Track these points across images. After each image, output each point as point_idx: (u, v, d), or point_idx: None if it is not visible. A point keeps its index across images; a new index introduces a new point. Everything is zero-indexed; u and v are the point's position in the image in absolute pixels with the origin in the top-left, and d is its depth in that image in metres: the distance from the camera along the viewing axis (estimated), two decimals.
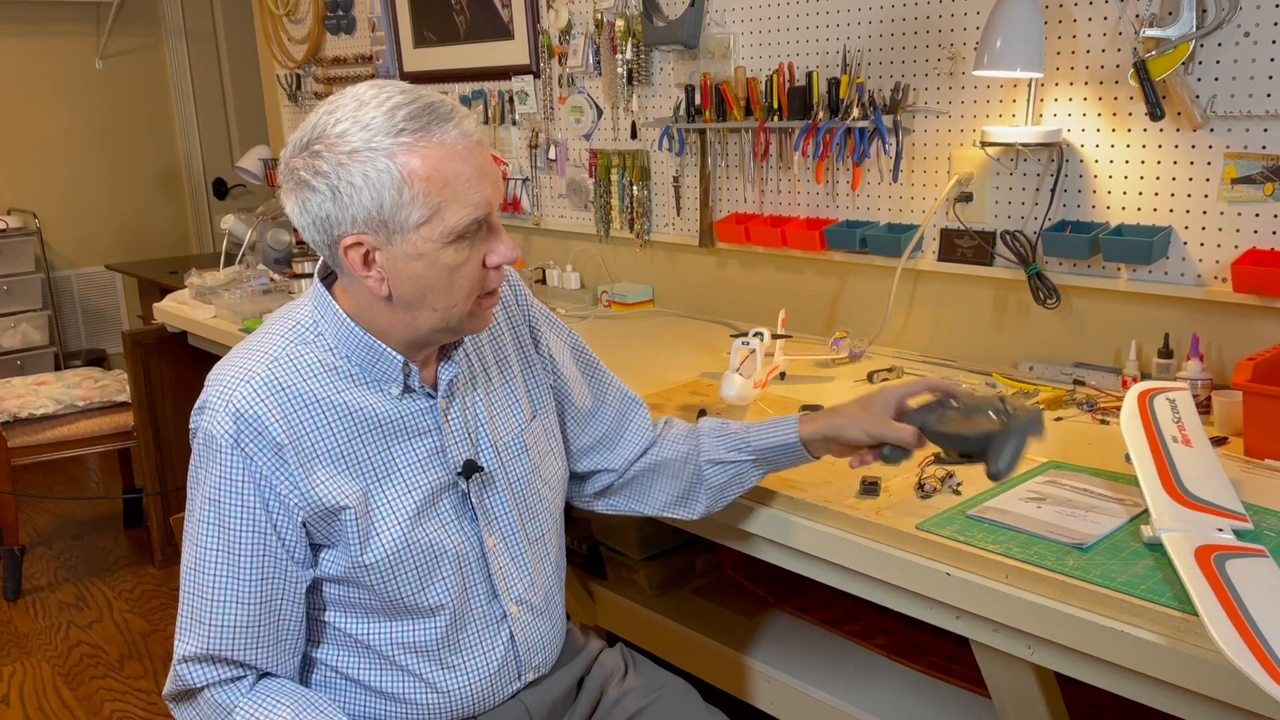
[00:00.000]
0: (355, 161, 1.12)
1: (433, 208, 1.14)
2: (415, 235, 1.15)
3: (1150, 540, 1.24)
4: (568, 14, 2.88)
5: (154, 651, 2.99)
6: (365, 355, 1.24)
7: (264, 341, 1.25)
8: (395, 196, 1.13)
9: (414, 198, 1.13)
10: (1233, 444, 1.60)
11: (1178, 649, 1.09)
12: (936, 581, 1.29)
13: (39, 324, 4.99)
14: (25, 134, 5.21)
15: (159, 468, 3.40)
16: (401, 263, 1.16)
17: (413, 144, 1.12)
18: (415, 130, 1.13)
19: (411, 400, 1.28)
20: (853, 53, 2.24)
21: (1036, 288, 1.99)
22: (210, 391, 1.21)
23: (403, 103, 1.14)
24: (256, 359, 1.22)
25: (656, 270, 2.84)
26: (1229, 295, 1.76)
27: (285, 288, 3.12)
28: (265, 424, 1.18)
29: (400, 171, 1.12)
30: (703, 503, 1.49)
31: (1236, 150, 1.74)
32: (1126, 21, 1.82)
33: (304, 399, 1.21)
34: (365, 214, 1.14)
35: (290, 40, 4.17)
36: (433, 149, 1.13)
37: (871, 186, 2.28)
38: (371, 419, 1.25)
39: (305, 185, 1.16)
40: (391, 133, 1.12)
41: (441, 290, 1.19)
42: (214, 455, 1.19)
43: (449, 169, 1.14)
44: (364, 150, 1.12)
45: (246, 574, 1.20)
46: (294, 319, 1.27)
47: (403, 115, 1.13)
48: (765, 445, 1.42)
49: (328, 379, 1.23)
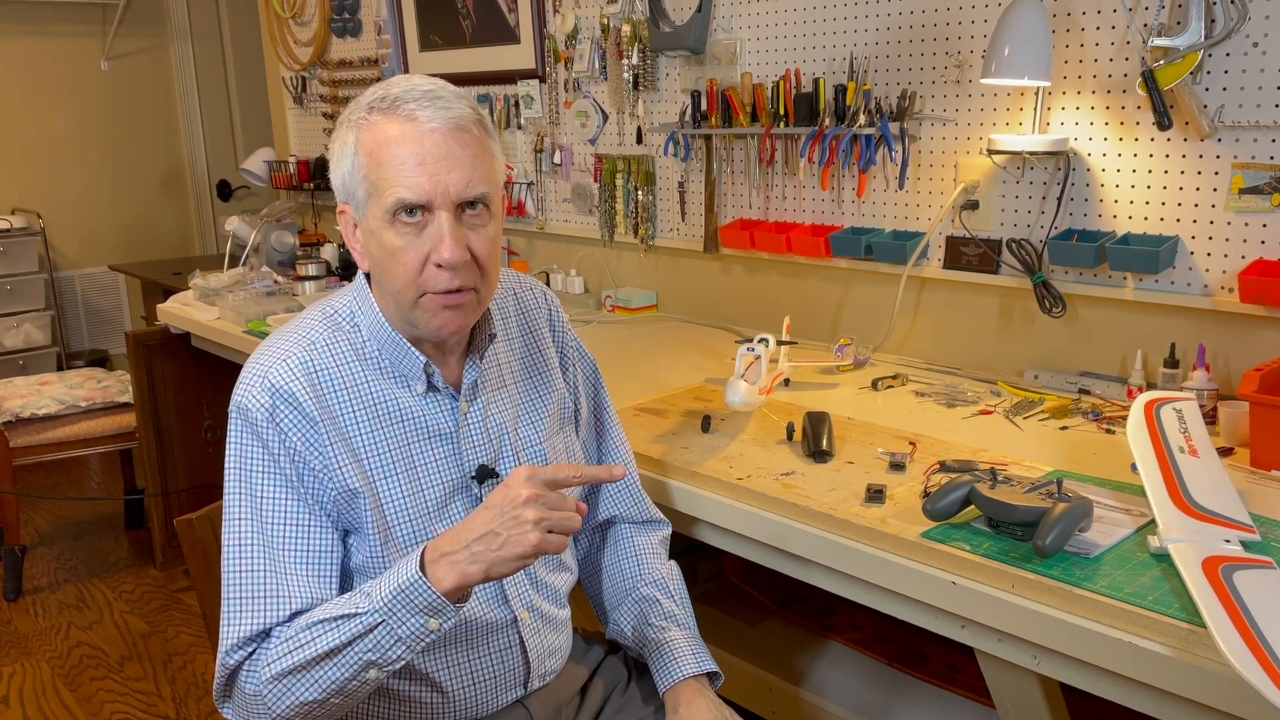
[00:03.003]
0: (339, 131, 1.24)
1: (372, 183, 1.20)
2: (367, 211, 1.22)
3: (1157, 551, 1.24)
4: (574, 19, 2.89)
5: (154, 653, 2.98)
6: (393, 350, 1.28)
7: (301, 327, 1.29)
8: (349, 166, 1.22)
9: (358, 170, 1.21)
10: (1239, 454, 1.59)
11: (1185, 660, 1.09)
12: (942, 590, 1.29)
13: (42, 324, 4.99)
14: (30, 134, 5.21)
15: (160, 469, 3.40)
16: (364, 236, 1.25)
17: (372, 121, 1.19)
18: (382, 109, 1.19)
19: (435, 399, 1.30)
20: (860, 59, 2.24)
21: (1042, 296, 1.98)
22: (247, 371, 1.24)
23: (407, 88, 1.20)
24: (293, 343, 1.26)
25: (661, 275, 2.84)
26: (1236, 305, 1.76)
27: (289, 289, 3.12)
28: (299, 399, 1.21)
29: (354, 143, 1.21)
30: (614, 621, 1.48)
31: (1244, 160, 1.74)
32: (1135, 30, 1.82)
33: (335, 383, 1.25)
34: (340, 182, 1.24)
35: (296, 42, 4.17)
36: (381, 127, 1.19)
37: (877, 193, 2.28)
38: (396, 412, 1.27)
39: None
40: (363, 109, 1.21)
41: (387, 272, 1.23)
42: (249, 429, 1.21)
43: (389, 150, 1.18)
44: (346, 122, 1.23)
45: (290, 544, 1.20)
46: (333, 307, 1.31)
47: (381, 95, 1.20)
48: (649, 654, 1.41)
49: (360, 367, 1.27)
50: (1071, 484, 1.34)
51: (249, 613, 1.18)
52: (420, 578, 1.12)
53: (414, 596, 1.12)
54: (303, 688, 1.15)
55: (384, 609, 1.12)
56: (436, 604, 1.12)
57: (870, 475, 1.54)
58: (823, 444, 1.62)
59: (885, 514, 1.41)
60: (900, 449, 1.61)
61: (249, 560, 1.20)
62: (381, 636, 1.13)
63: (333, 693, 1.15)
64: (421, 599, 1.12)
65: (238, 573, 1.20)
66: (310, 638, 1.14)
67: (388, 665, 1.15)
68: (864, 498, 1.45)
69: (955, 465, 1.51)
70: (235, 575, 1.20)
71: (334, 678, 1.14)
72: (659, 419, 1.83)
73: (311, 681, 1.15)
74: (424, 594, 1.11)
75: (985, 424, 1.79)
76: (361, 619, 1.13)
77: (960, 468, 1.49)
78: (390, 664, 1.15)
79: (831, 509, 1.43)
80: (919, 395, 1.97)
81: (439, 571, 1.12)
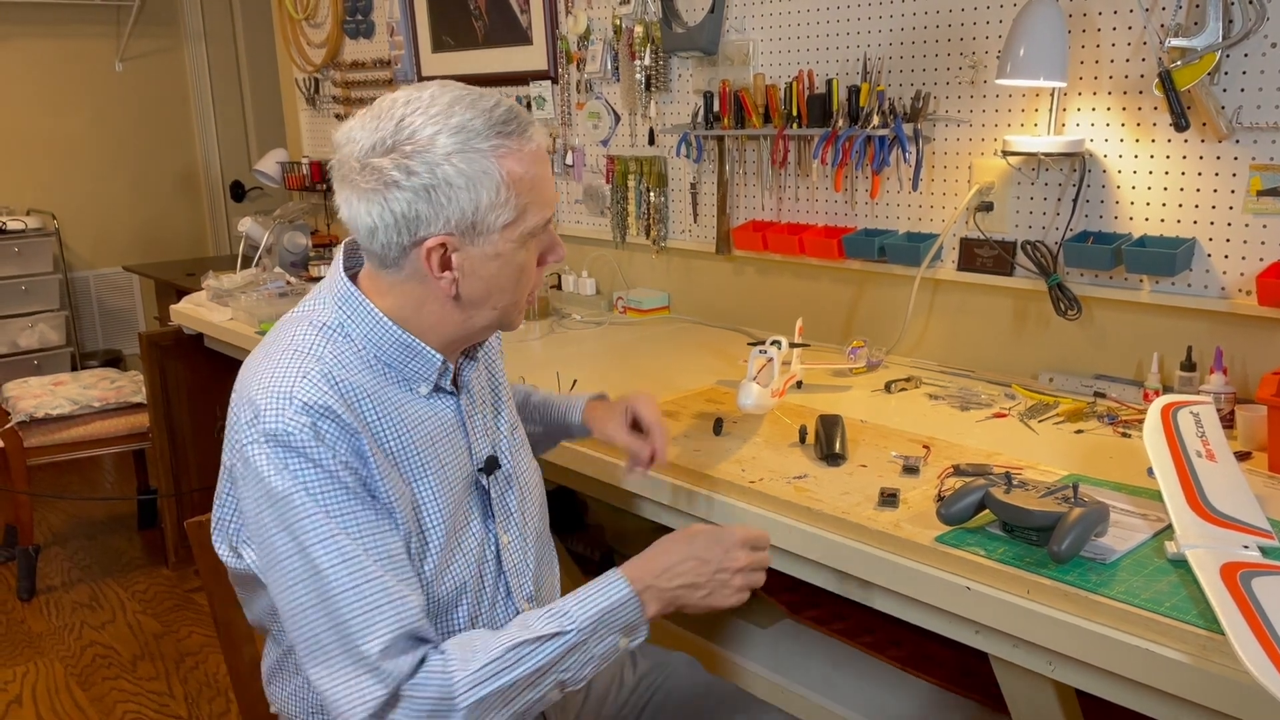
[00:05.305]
0: (454, 162, 1.14)
1: (519, 209, 1.18)
2: (498, 236, 1.18)
3: (1174, 556, 1.23)
4: (586, 20, 2.88)
5: (166, 652, 2.99)
6: (398, 354, 1.23)
7: (297, 342, 1.20)
8: (492, 198, 1.15)
9: (507, 199, 1.16)
10: (1257, 459, 1.58)
11: (1202, 667, 1.07)
12: (956, 595, 1.28)
13: (56, 324, 5.01)
14: (45, 135, 5.23)
15: (174, 469, 3.41)
16: (478, 263, 1.19)
17: (511, 147, 1.16)
18: (510, 134, 1.16)
19: (438, 399, 1.28)
20: (873, 60, 2.23)
21: (1057, 298, 1.97)
22: (260, 399, 1.14)
23: (489, 105, 1.17)
24: (300, 359, 1.17)
25: (672, 277, 2.83)
26: (1254, 308, 1.74)
27: (301, 290, 3.13)
28: (336, 411, 1.14)
29: (502, 174, 1.15)
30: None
31: (1262, 162, 1.72)
32: (1151, 31, 1.80)
33: (357, 391, 1.18)
34: (459, 215, 1.15)
35: (309, 44, 4.18)
36: (526, 153, 1.17)
37: (891, 195, 2.27)
38: (412, 414, 1.24)
39: (394, 185, 1.14)
40: (490, 135, 1.15)
41: (508, 289, 1.23)
42: (294, 455, 1.12)
43: (535, 172, 1.18)
44: (465, 151, 1.14)
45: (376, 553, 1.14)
46: (316, 322, 1.23)
47: (498, 118, 1.16)
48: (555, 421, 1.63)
49: (369, 374, 1.21)
50: (1087, 488, 1.33)
51: (386, 619, 1.11)
52: (635, 598, 1.18)
53: (621, 616, 1.18)
54: (498, 709, 1.13)
55: (589, 628, 1.16)
56: (638, 625, 1.19)
57: (883, 479, 1.53)
58: (835, 447, 1.61)
59: (899, 518, 1.40)
60: (914, 452, 1.60)
61: (360, 570, 1.11)
62: (578, 655, 1.16)
63: (520, 713, 1.16)
64: (627, 619, 1.18)
65: (352, 588, 1.11)
66: (515, 659, 1.13)
67: (573, 685, 1.18)
68: (877, 502, 1.45)
69: (969, 469, 1.50)
70: (350, 591, 1.11)
71: (528, 698, 1.15)
72: (671, 421, 1.82)
73: (505, 703, 1.14)
74: (632, 615, 1.18)
75: (999, 427, 1.78)
76: (565, 639, 1.15)
77: (974, 471, 1.48)
78: (577, 683, 1.18)
79: (844, 513, 1.42)
80: (933, 398, 1.96)
81: (645, 598, 1.19)
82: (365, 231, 1.17)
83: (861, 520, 1.40)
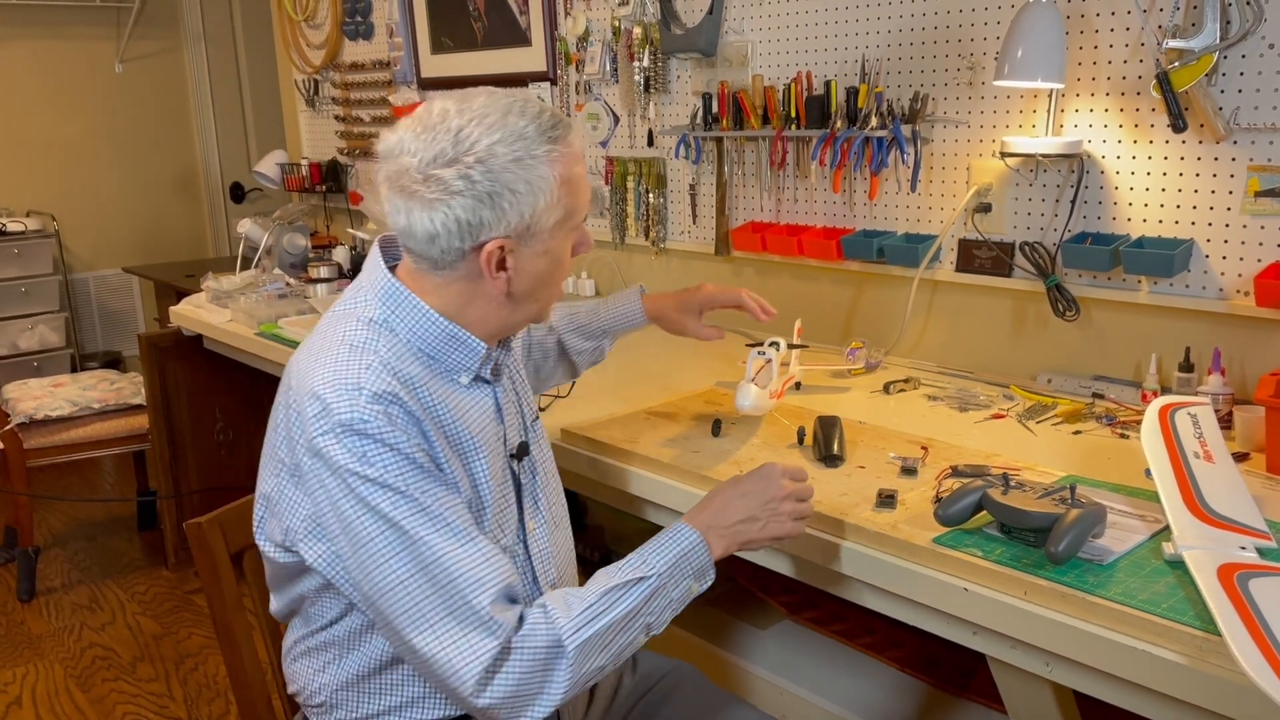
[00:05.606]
0: (517, 169, 1.19)
1: (567, 208, 1.24)
2: (548, 234, 1.24)
3: (1171, 558, 1.23)
4: (585, 21, 2.88)
5: (166, 654, 2.99)
6: (443, 346, 1.27)
7: (351, 337, 1.24)
8: (547, 200, 1.21)
9: (559, 200, 1.23)
10: (1255, 460, 1.58)
11: (1199, 668, 1.08)
12: (954, 596, 1.28)
13: (56, 326, 5.01)
14: (45, 136, 5.23)
15: (173, 470, 3.41)
16: (529, 261, 1.25)
17: (561, 151, 1.22)
18: (558, 138, 1.22)
19: (477, 388, 1.32)
20: (871, 62, 2.23)
21: (1055, 299, 1.97)
22: (326, 392, 1.18)
23: (537, 111, 1.22)
24: (358, 352, 1.21)
25: (672, 278, 2.83)
26: (1252, 309, 1.75)
27: (300, 291, 3.13)
28: (402, 398, 1.19)
29: (555, 178, 1.21)
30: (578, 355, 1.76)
31: (1260, 163, 1.72)
32: (1149, 32, 1.80)
33: (414, 380, 1.23)
34: (519, 218, 1.21)
35: (308, 45, 4.19)
36: (571, 155, 1.24)
37: (889, 196, 2.27)
38: (459, 403, 1.28)
39: (458, 194, 1.18)
40: (544, 141, 1.21)
41: (553, 282, 1.30)
42: (370, 442, 1.16)
43: (578, 172, 1.26)
44: (525, 159, 1.20)
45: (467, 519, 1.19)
46: (363, 318, 1.26)
47: (546, 123, 1.22)
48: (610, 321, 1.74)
49: (419, 365, 1.25)
50: (1085, 489, 1.33)
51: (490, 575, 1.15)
52: (701, 541, 1.26)
53: (692, 560, 1.25)
54: (598, 653, 1.19)
55: (667, 572, 1.23)
56: (706, 568, 1.27)
57: (882, 480, 1.53)
58: (834, 448, 1.61)
59: (897, 519, 1.40)
60: (912, 453, 1.61)
61: (456, 534, 1.16)
62: (660, 599, 1.23)
63: (615, 657, 1.21)
64: (697, 563, 1.26)
65: (452, 550, 1.15)
66: (609, 603, 1.20)
67: (656, 629, 1.24)
68: (875, 503, 1.45)
69: (967, 470, 1.50)
70: (451, 554, 1.15)
71: (621, 642, 1.21)
72: (669, 422, 1.83)
73: (603, 647, 1.19)
74: (701, 558, 1.26)
75: (998, 428, 1.78)
76: (649, 583, 1.22)
77: (972, 473, 1.48)
78: (659, 626, 1.25)
79: (843, 514, 1.42)
80: (931, 399, 1.96)
81: (710, 539, 1.27)
82: (424, 238, 1.21)
83: (860, 521, 1.40)
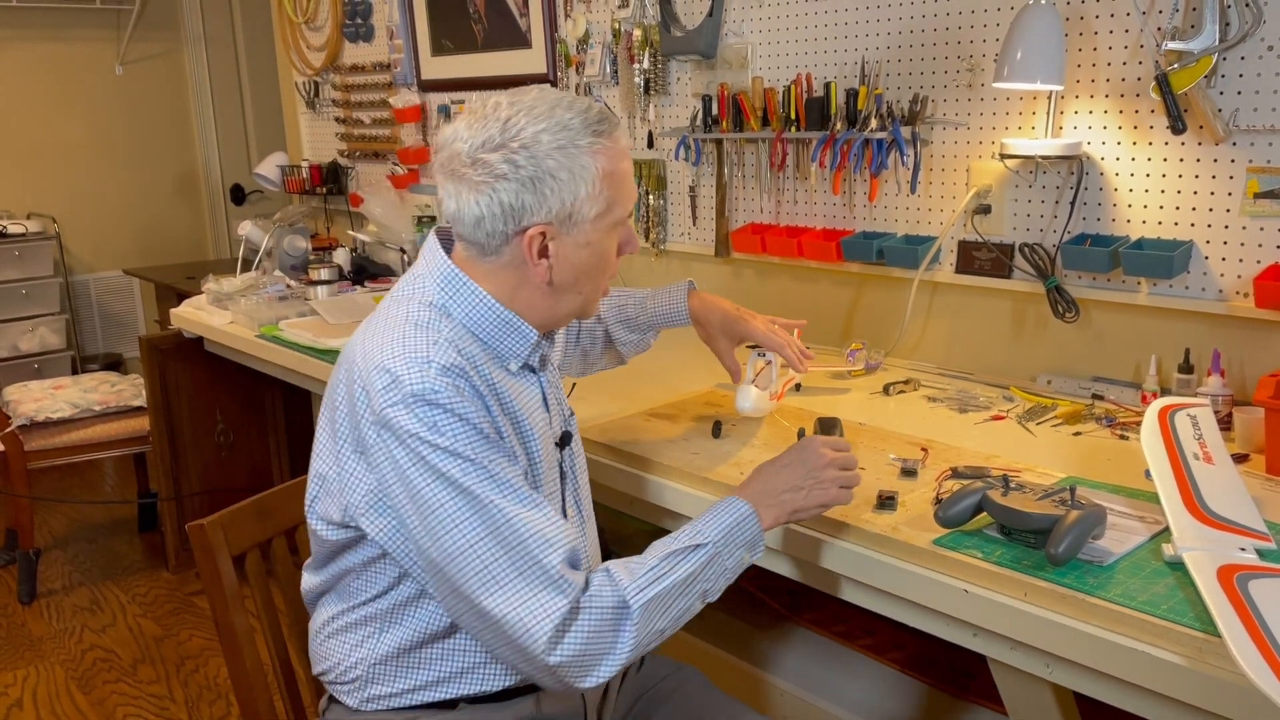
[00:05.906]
0: (556, 157, 1.24)
1: (609, 201, 1.29)
2: (589, 225, 1.28)
3: (1171, 559, 1.23)
4: (585, 23, 2.89)
5: (166, 656, 2.99)
6: (498, 331, 1.31)
7: (414, 318, 1.27)
8: (589, 190, 1.26)
9: (600, 192, 1.27)
10: (1254, 461, 1.58)
11: (1199, 670, 1.08)
12: (954, 598, 1.28)
13: (57, 328, 5.01)
14: (45, 138, 5.24)
15: (174, 472, 3.41)
16: (570, 250, 1.29)
17: (605, 145, 1.27)
18: (603, 133, 1.27)
19: (525, 376, 1.36)
20: (871, 64, 2.23)
21: (1055, 301, 1.97)
22: (396, 365, 1.21)
23: (585, 107, 1.28)
24: (423, 330, 1.25)
25: (671, 279, 2.82)
26: (1251, 311, 1.75)
27: (301, 294, 3.13)
28: (467, 373, 1.24)
29: (597, 168, 1.26)
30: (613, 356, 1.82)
31: (1259, 164, 1.73)
32: (1148, 34, 1.81)
33: (475, 359, 1.27)
34: (560, 205, 1.26)
35: (309, 47, 4.19)
36: (616, 151, 1.29)
37: (889, 198, 2.27)
38: (510, 387, 1.31)
39: (502, 177, 1.24)
40: (588, 134, 1.26)
41: (595, 275, 1.34)
42: (440, 412, 1.20)
43: (623, 168, 1.30)
44: (566, 148, 1.25)
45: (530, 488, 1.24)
46: (423, 301, 1.30)
47: (593, 118, 1.27)
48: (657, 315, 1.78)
49: (476, 347, 1.29)
50: (1084, 491, 1.34)
51: (558, 537, 1.20)
52: (753, 513, 1.30)
53: (744, 531, 1.29)
54: (659, 615, 1.23)
55: (720, 541, 1.28)
56: (757, 539, 1.31)
57: (881, 481, 1.53)
58: None
59: (896, 521, 1.40)
60: (912, 455, 1.61)
61: (525, 499, 1.21)
62: (715, 567, 1.27)
63: (674, 621, 1.25)
64: (749, 533, 1.30)
65: (523, 513, 1.20)
66: (670, 566, 1.24)
67: (712, 596, 1.29)
68: (875, 504, 1.45)
69: (967, 471, 1.50)
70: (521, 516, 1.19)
71: (681, 606, 1.25)
72: (669, 424, 1.83)
73: (664, 609, 1.23)
74: (752, 529, 1.30)
75: (998, 430, 1.78)
76: (705, 550, 1.26)
77: (972, 474, 1.48)
78: (715, 594, 1.29)
79: (843, 515, 1.42)
80: (931, 400, 1.96)
81: (760, 510, 1.31)
82: (472, 221, 1.27)
83: (859, 523, 1.40)
